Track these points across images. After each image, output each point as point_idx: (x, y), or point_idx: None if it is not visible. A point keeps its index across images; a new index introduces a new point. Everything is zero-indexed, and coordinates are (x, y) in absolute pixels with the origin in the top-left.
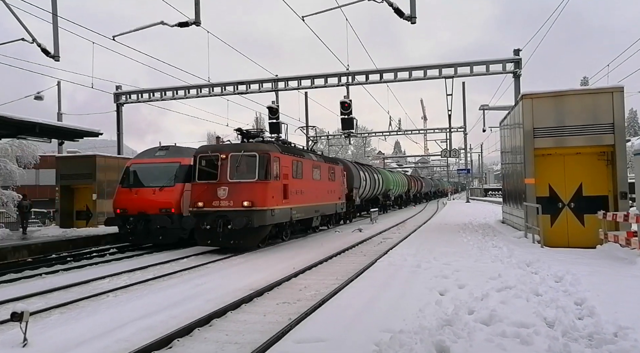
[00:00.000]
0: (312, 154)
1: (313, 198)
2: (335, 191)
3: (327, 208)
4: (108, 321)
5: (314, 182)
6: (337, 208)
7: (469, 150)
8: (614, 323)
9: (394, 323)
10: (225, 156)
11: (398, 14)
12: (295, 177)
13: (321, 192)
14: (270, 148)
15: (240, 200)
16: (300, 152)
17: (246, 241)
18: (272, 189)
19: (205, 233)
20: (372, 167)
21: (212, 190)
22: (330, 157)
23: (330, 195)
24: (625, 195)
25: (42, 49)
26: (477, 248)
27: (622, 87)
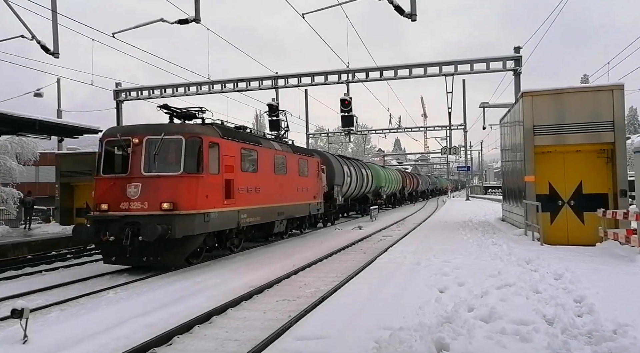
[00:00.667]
0: (274, 143)
1: (275, 197)
2: (308, 188)
3: (297, 209)
4: (108, 318)
5: (277, 177)
6: (312, 208)
7: (469, 148)
8: (613, 321)
9: (394, 320)
10: (139, 140)
11: (398, 12)
12: (245, 170)
13: (287, 190)
14: (203, 131)
15: (158, 201)
16: (254, 139)
17: (166, 257)
18: (207, 186)
19: (108, 246)
20: (360, 162)
21: (120, 187)
22: (303, 147)
23: (301, 193)
24: (625, 193)
25: (42, 46)
26: (477, 246)
27: (623, 85)
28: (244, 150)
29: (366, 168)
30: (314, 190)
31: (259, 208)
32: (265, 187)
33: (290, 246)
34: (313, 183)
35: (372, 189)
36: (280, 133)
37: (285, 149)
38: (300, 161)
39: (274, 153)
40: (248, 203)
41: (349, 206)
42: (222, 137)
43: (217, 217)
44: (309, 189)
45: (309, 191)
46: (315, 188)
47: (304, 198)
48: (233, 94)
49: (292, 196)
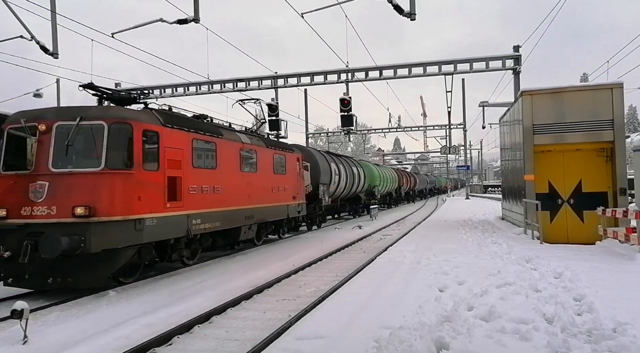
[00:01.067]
0: (242, 135)
1: (241, 198)
2: (286, 188)
3: (271, 212)
4: (108, 318)
5: (245, 175)
6: (291, 211)
7: (469, 147)
8: (613, 319)
9: (394, 319)
10: (47, 127)
11: (397, 11)
12: (199, 166)
13: (259, 190)
14: (135, 116)
15: (70, 205)
16: (211, 129)
17: (80, 278)
18: (139, 186)
19: (4, 264)
20: (351, 159)
21: (21, 188)
22: (281, 142)
23: (276, 194)
24: (625, 191)
25: (41, 47)
26: (477, 245)
27: (622, 83)
28: (197, 142)
29: (358, 165)
30: (294, 190)
31: (219, 212)
32: (227, 186)
33: (290, 246)
34: (292, 181)
35: (365, 188)
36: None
37: (256, 143)
38: (275, 156)
39: (240, 147)
40: (203, 205)
41: (338, 207)
42: (164, 125)
43: (155, 224)
44: (288, 189)
45: (288, 191)
46: (295, 188)
47: (281, 199)
48: (232, 94)
49: (264, 197)
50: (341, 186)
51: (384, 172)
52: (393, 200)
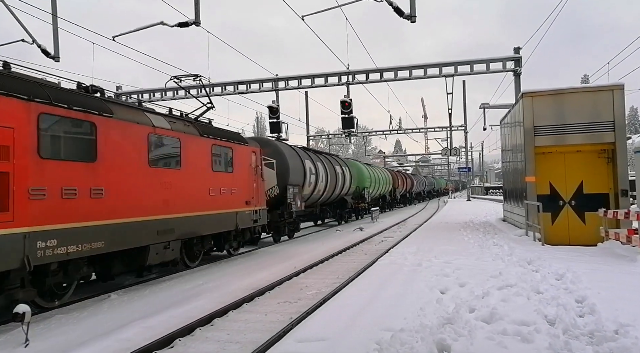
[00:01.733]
0: (152, 115)
1: (149, 204)
2: (235, 190)
3: (209, 223)
4: (110, 321)
5: (156, 173)
6: (243, 219)
7: (470, 148)
8: (615, 321)
9: (395, 321)
10: None
11: (398, 13)
12: (56, 157)
13: (184, 193)
14: None
15: None
16: (87, 101)
17: None
18: None
19: None
20: (335, 157)
21: None
22: (226, 130)
23: (217, 198)
24: (626, 193)
25: (42, 50)
26: (478, 247)
27: (623, 84)
28: (49, 118)
29: (343, 164)
30: (247, 193)
31: (102, 227)
32: (120, 189)
33: (291, 249)
34: (244, 182)
35: (352, 191)
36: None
37: (181, 129)
38: (216, 148)
39: (149, 132)
40: (63, 218)
41: (318, 212)
42: None
43: None
44: (237, 191)
45: (237, 194)
46: (248, 190)
47: (226, 204)
48: (233, 96)
49: (195, 202)
50: (319, 188)
51: (376, 172)
52: (387, 204)
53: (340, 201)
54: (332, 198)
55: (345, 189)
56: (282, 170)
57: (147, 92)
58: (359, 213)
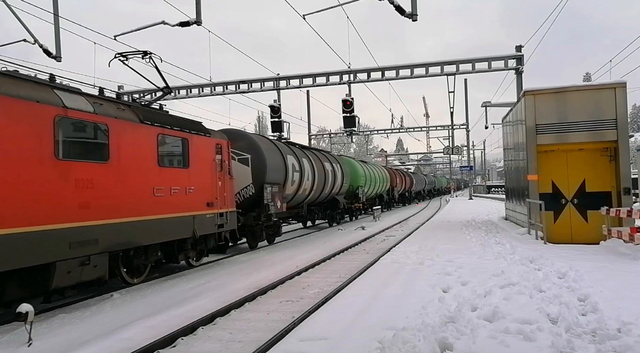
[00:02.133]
0: (66, 94)
1: (56, 210)
2: (192, 189)
3: (153, 230)
4: (112, 321)
5: (65, 168)
6: (203, 224)
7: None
8: (617, 319)
9: (397, 320)
10: None
11: (399, 12)
12: None
13: (113, 193)
14: None
15: None
16: None
17: None
18: None
19: None
20: (325, 153)
21: None
22: (180, 117)
23: (166, 200)
24: (629, 191)
25: (44, 50)
26: (480, 245)
27: (625, 82)
28: None
29: (335, 161)
30: (209, 192)
31: None
32: (5, 187)
33: (293, 248)
34: (204, 180)
35: (345, 190)
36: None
37: (108, 112)
38: (163, 138)
39: (57, 114)
40: None
41: (305, 214)
42: None
43: None
44: (194, 191)
45: (195, 194)
46: (210, 189)
47: (178, 206)
48: (235, 95)
49: (132, 205)
50: (305, 187)
51: (372, 170)
52: (385, 204)
53: (332, 201)
54: (322, 197)
55: (336, 188)
56: (258, 167)
57: (149, 92)
58: (352, 214)
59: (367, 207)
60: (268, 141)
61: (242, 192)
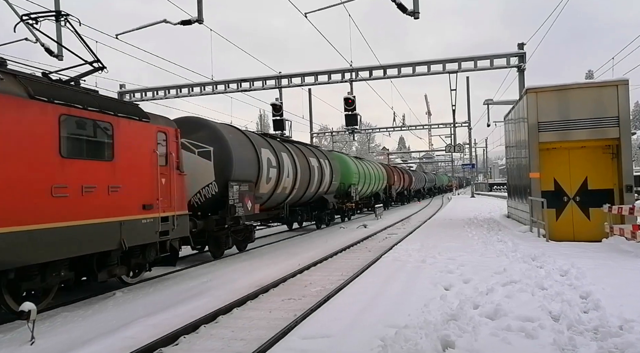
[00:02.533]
0: None
1: None
2: (120, 188)
3: (57, 242)
4: (114, 319)
5: None
6: (139, 233)
7: (474, 145)
8: (619, 317)
9: (399, 318)
10: None
11: (401, 10)
12: None
13: None
14: None
15: None
16: None
17: None
18: None
19: None
20: (311, 147)
21: None
22: (104, 96)
23: (75, 202)
24: (631, 188)
25: (46, 49)
26: (482, 243)
27: (627, 80)
28: None
29: (322, 157)
30: (145, 191)
31: None
32: None
33: (295, 246)
34: (139, 175)
35: (335, 188)
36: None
37: None
38: (70, 121)
39: None
40: None
41: (286, 216)
42: None
43: None
44: (123, 189)
45: (123, 194)
46: (147, 188)
47: (96, 210)
48: (236, 94)
49: (17, 209)
50: (285, 185)
51: (367, 167)
52: (381, 203)
53: (319, 201)
54: (307, 197)
55: (324, 186)
56: (222, 161)
57: (151, 91)
58: (344, 215)
59: (361, 206)
60: (237, 131)
61: (203, 191)
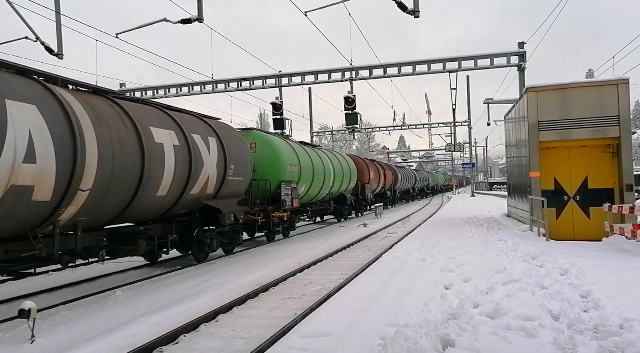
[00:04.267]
0: None
1: None
2: None
3: None
4: (114, 317)
5: None
6: None
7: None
8: (620, 316)
9: (399, 317)
10: None
11: (401, 8)
12: None
13: None
14: None
15: None
16: None
17: None
18: None
19: None
20: (203, 118)
21: None
22: None
23: None
24: (631, 187)
25: (46, 47)
26: (482, 242)
27: (628, 79)
28: None
29: (212, 134)
30: None
31: None
32: None
33: (295, 245)
34: None
35: (243, 189)
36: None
37: None
38: None
39: None
40: None
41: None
42: None
43: None
44: None
45: None
46: None
47: None
48: (236, 93)
49: None
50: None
51: (320, 158)
52: (347, 208)
53: (203, 209)
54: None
55: (211, 186)
56: None
57: (151, 89)
58: (271, 231)
59: (304, 218)
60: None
61: None
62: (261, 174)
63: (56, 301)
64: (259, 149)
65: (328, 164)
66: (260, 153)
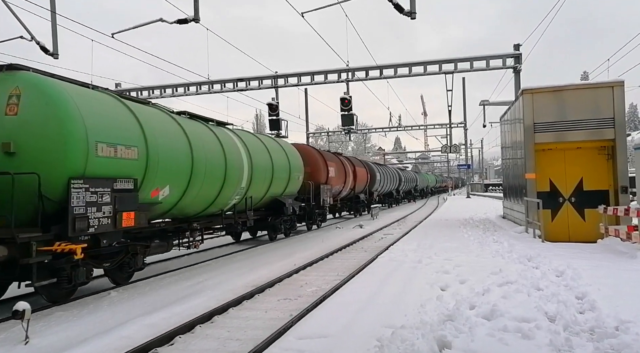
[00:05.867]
0: None
1: None
2: None
3: None
4: (110, 318)
5: None
6: None
7: (470, 146)
8: (615, 317)
9: (396, 318)
10: None
11: (397, 10)
12: None
13: None
14: None
15: None
16: None
17: None
18: None
19: None
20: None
21: None
22: None
23: None
24: (626, 189)
25: (41, 47)
26: (478, 243)
27: (623, 81)
28: None
29: None
30: None
31: None
32: None
33: (291, 246)
34: None
35: None
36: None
37: None
38: None
39: None
40: None
41: None
42: None
43: None
44: None
45: None
46: None
47: None
48: (233, 93)
49: None
50: None
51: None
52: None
53: None
54: None
55: None
56: None
57: (147, 90)
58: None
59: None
60: None
61: None
62: (24, 161)
63: (51, 302)
64: (27, 109)
65: (238, 153)
66: (26, 117)
